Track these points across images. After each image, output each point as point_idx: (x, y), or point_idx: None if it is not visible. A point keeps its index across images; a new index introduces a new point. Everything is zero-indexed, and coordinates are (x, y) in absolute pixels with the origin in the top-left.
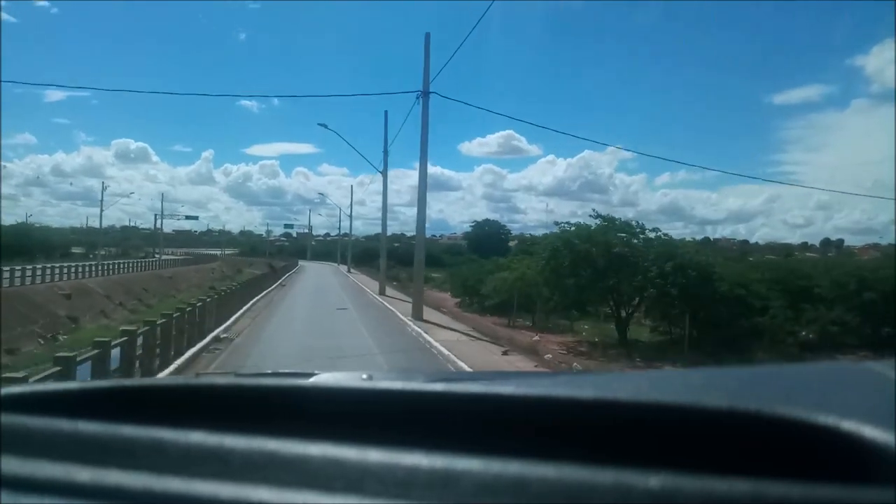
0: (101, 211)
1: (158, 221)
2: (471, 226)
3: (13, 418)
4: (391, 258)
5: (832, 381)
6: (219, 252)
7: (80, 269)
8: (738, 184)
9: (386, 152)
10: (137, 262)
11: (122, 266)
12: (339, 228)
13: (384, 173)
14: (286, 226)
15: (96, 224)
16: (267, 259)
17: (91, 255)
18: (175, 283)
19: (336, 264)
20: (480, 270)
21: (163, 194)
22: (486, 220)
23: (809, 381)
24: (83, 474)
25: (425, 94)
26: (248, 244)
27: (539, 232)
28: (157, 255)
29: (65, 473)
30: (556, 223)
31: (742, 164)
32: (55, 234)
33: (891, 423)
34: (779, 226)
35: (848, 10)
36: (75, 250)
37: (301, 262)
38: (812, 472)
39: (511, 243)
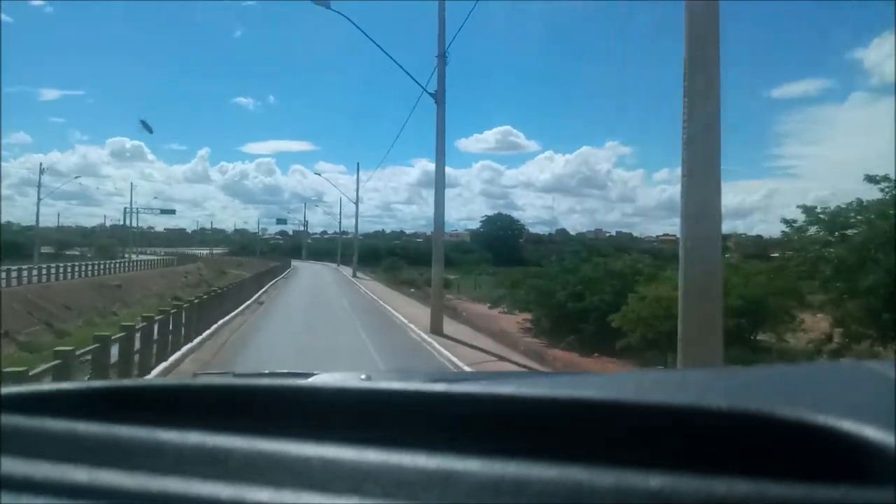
0: (39, 200)
1: (132, 218)
2: (480, 221)
3: (11, 418)
4: (394, 256)
5: (832, 381)
6: (205, 251)
7: None
8: (737, 179)
9: (442, 56)
10: (86, 266)
11: (59, 270)
12: (340, 225)
13: (439, 97)
14: (278, 220)
15: (85, 224)
16: (258, 258)
17: (76, 255)
18: (124, 294)
19: (335, 265)
20: (567, 279)
21: (132, 184)
22: (499, 215)
23: (809, 381)
24: (80, 474)
25: None
26: (242, 243)
27: (539, 229)
28: (126, 256)
29: (62, 474)
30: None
31: (740, 158)
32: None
33: (891, 423)
34: (777, 222)
35: (846, 3)
36: (45, 250)
37: (295, 263)
38: (812, 472)
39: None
